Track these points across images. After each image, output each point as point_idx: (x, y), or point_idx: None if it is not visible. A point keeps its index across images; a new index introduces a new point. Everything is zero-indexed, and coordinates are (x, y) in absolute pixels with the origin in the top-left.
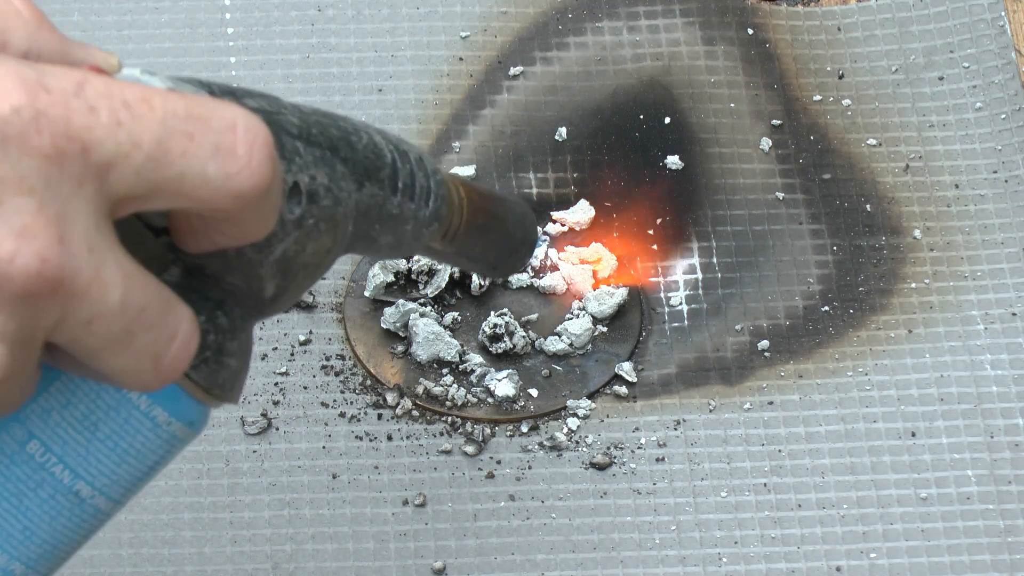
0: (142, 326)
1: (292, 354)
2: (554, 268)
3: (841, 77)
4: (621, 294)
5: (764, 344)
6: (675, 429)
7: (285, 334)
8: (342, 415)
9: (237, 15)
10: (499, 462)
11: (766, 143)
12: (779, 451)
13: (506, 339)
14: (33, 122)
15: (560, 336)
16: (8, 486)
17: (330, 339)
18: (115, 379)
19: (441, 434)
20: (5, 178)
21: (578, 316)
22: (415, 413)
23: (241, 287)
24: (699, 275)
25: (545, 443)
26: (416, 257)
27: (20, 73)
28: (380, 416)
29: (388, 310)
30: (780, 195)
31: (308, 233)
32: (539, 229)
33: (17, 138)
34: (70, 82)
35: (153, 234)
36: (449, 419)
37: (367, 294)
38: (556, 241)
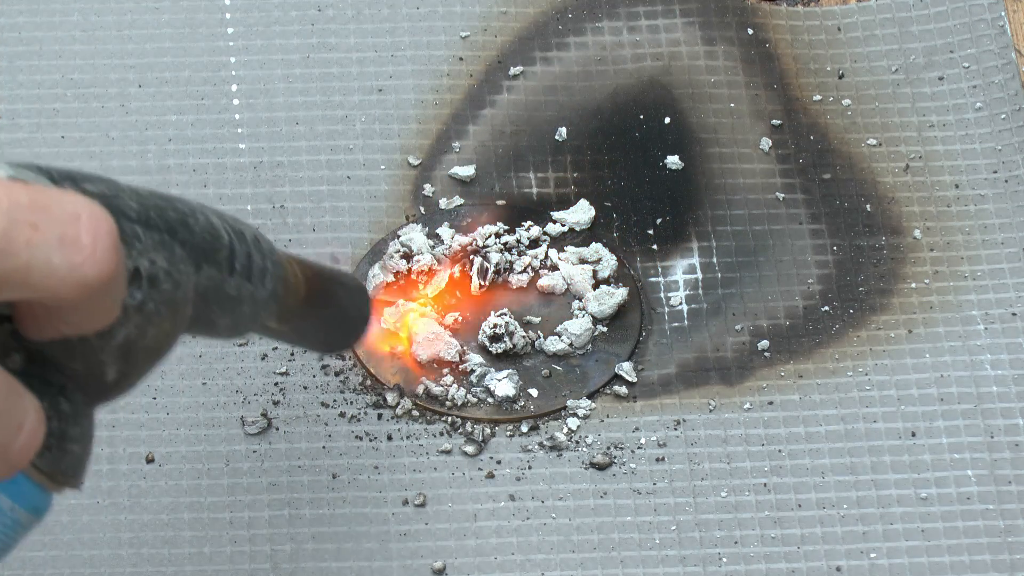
0: None
1: (292, 354)
2: (554, 268)
3: (841, 77)
4: (621, 294)
5: (764, 344)
6: (675, 429)
7: None
8: (342, 415)
9: (237, 15)
10: (499, 462)
11: (766, 143)
12: (779, 451)
13: (506, 339)
14: None
15: (560, 336)
16: None
17: None
18: None
19: (441, 434)
20: None
21: (578, 316)
22: (415, 413)
23: (83, 373)
24: (699, 275)
25: (545, 443)
26: (416, 257)
27: None
28: (380, 416)
29: (388, 310)
30: (780, 195)
31: (149, 318)
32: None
33: None
34: None
35: None
36: (449, 419)
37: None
38: (556, 241)
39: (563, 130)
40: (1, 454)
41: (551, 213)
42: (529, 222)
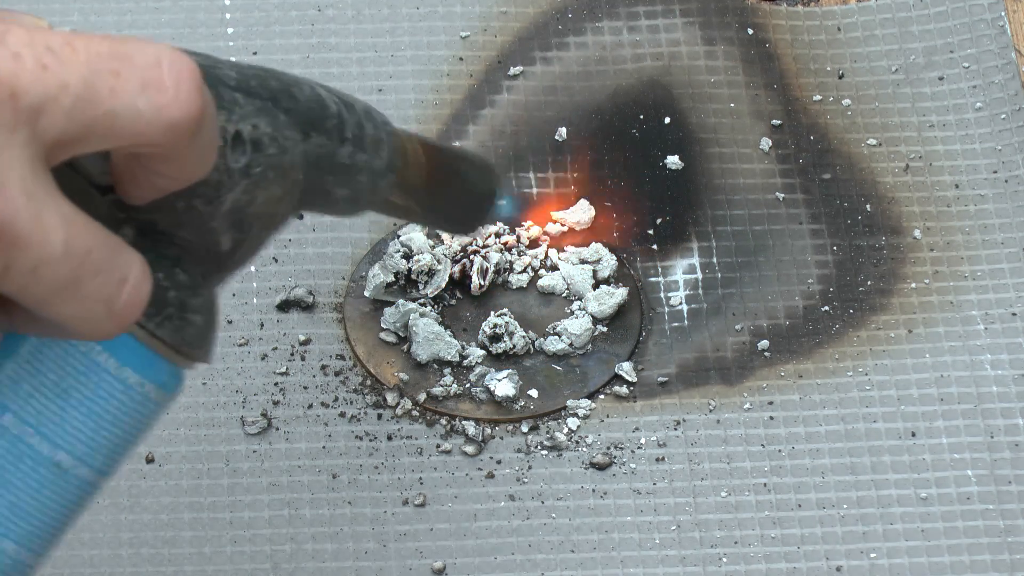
0: (89, 271)
1: (292, 354)
2: (554, 268)
3: (841, 77)
4: (621, 294)
5: (764, 344)
6: (675, 429)
7: (285, 334)
8: (342, 415)
9: (237, 15)
10: (499, 462)
11: (766, 143)
12: (779, 451)
13: (506, 339)
14: None
15: (560, 336)
16: None
17: (330, 339)
18: (70, 329)
19: (441, 434)
20: None
21: (578, 316)
22: (415, 413)
23: (196, 242)
24: (699, 275)
25: (545, 443)
26: (416, 257)
27: None
28: (380, 416)
29: (388, 310)
30: (780, 195)
31: (256, 182)
32: (506, 186)
33: None
34: None
35: (100, 193)
36: (449, 419)
37: (367, 294)
38: (556, 241)
39: (563, 130)
40: (106, 309)
41: (551, 213)
42: (529, 222)
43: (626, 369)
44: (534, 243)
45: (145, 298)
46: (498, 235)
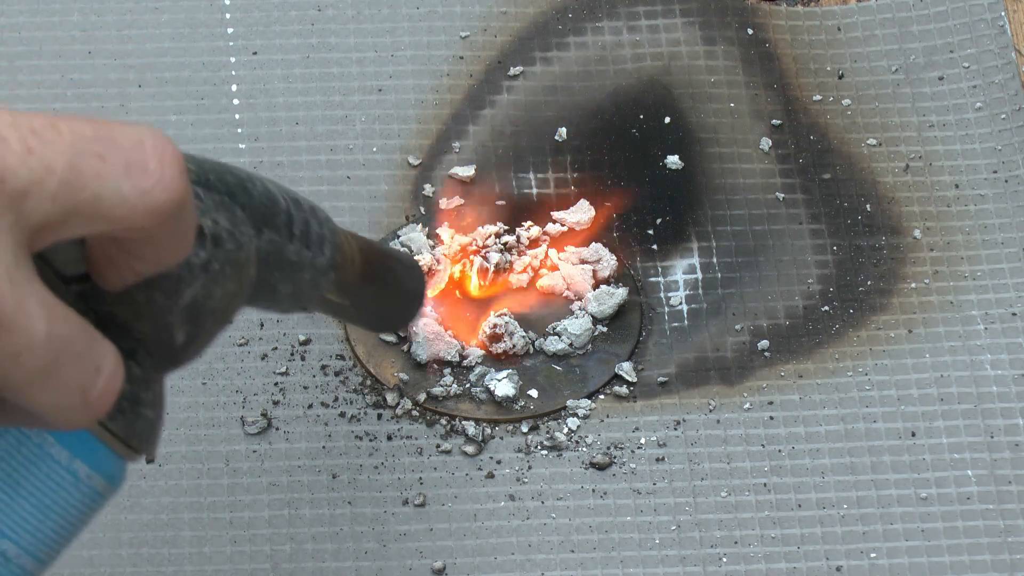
0: (69, 358)
1: (292, 354)
2: (554, 268)
3: (841, 77)
4: (621, 294)
5: (764, 344)
6: (675, 429)
7: (285, 334)
8: (342, 415)
9: (237, 15)
10: (499, 462)
11: (766, 143)
12: (779, 451)
13: (506, 339)
14: None
15: (560, 336)
16: None
17: (330, 339)
18: (44, 416)
19: (441, 434)
20: None
21: (578, 316)
22: (415, 413)
23: (153, 336)
24: (699, 275)
25: (545, 443)
26: (416, 257)
27: None
28: (380, 416)
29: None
30: (780, 195)
31: (215, 278)
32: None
33: None
34: None
35: (64, 284)
36: (449, 419)
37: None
38: (556, 241)
39: (563, 130)
40: (80, 399)
41: (551, 213)
42: (529, 222)
43: (626, 369)
44: (534, 243)
45: (118, 388)
46: (498, 235)
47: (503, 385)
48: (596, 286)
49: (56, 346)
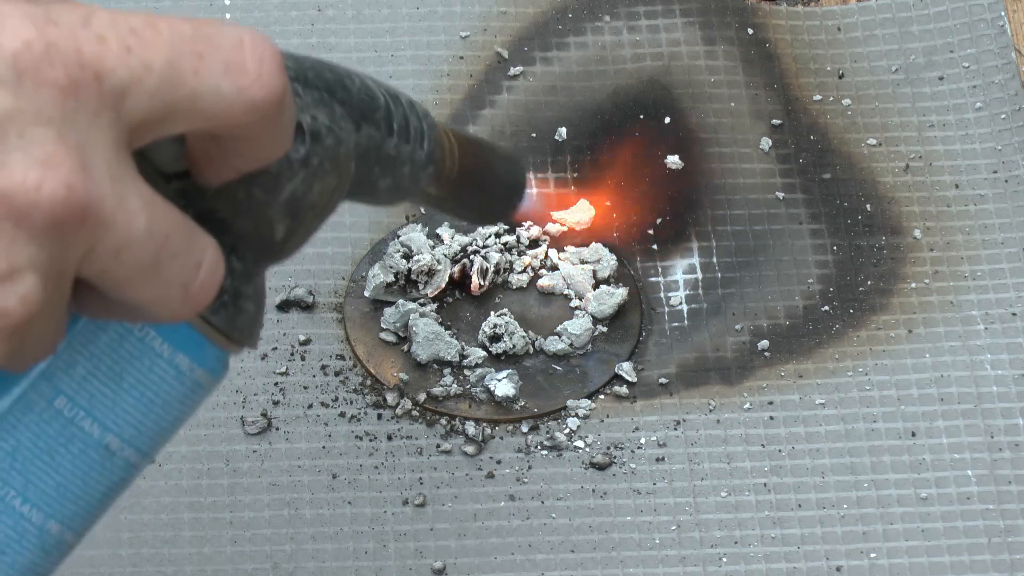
0: (169, 254)
1: (292, 354)
2: (554, 268)
3: (841, 77)
4: (621, 294)
5: (764, 344)
6: (675, 429)
7: (285, 334)
8: (342, 415)
9: (237, 15)
10: (499, 462)
11: (766, 143)
12: (779, 451)
13: (506, 339)
14: (45, 55)
15: (560, 336)
16: (40, 444)
17: (330, 339)
18: (146, 310)
19: (441, 434)
20: (24, 111)
21: (578, 316)
22: (415, 413)
23: (252, 231)
24: (699, 275)
25: (545, 443)
26: (416, 257)
27: (27, 11)
28: (380, 416)
29: (388, 310)
30: (780, 195)
31: (314, 173)
32: (528, 177)
33: (31, 72)
34: (77, 15)
35: (165, 181)
36: (449, 419)
37: (367, 294)
38: (556, 241)
39: (563, 130)
40: (181, 292)
41: (551, 213)
42: (529, 222)
43: (626, 369)
44: (534, 243)
45: (219, 281)
46: (498, 235)
47: (503, 385)
48: (596, 286)
49: (157, 241)
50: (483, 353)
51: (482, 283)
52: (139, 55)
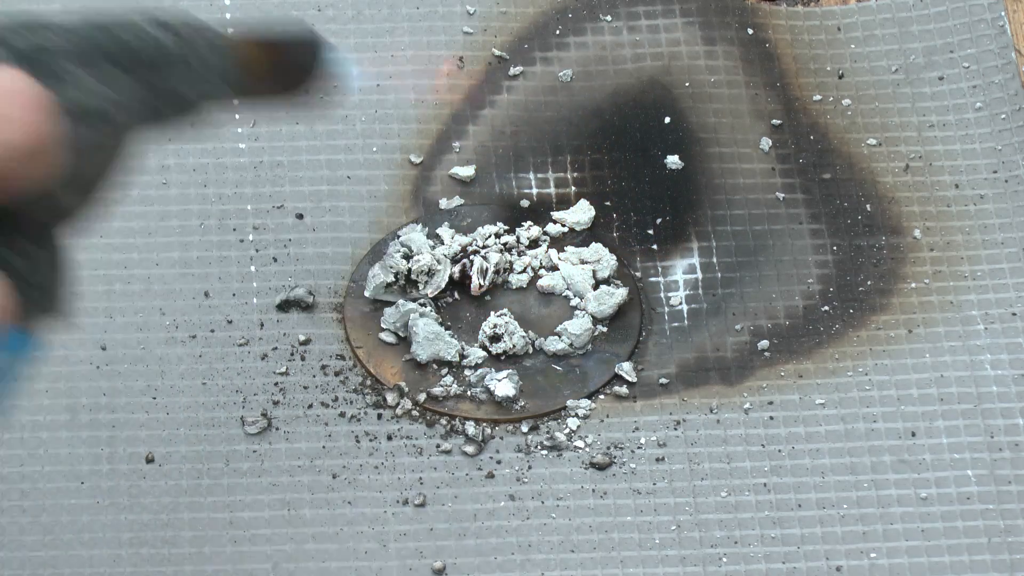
0: None
1: (292, 354)
2: (554, 268)
3: (841, 77)
4: (621, 294)
5: (764, 344)
6: (675, 429)
7: (285, 334)
8: (342, 415)
9: (237, 15)
10: (499, 462)
11: (766, 143)
12: (779, 451)
13: (506, 339)
14: None
15: (560, 336)
16: None
17: (330, 339)
18: None
19: (441, 434)
20: None
21: (578, 316)
22: (415, 413)
23: (43, 206)
24: (699, 275)
25: (545, 443)
26: (416, 257)
27: None
28: (380, 416)
29: (388, 310)
30: (780, 195)
31: (98, 147)
32: (327, 46)
33: None
34: None
35: None
36: (449, 419)
37: (367, 294)
38: (556, 241)
39: (563, 130)
40: None
41: (551, 213)
42: (529, 222)
43: (626, 369)
44: (534, 243)
45: (7, 318)
46: (498, 235)
47: (503, 385)
48: (596, 286)
49: None
50: (483, 353)
51: (482, 283)
52: None
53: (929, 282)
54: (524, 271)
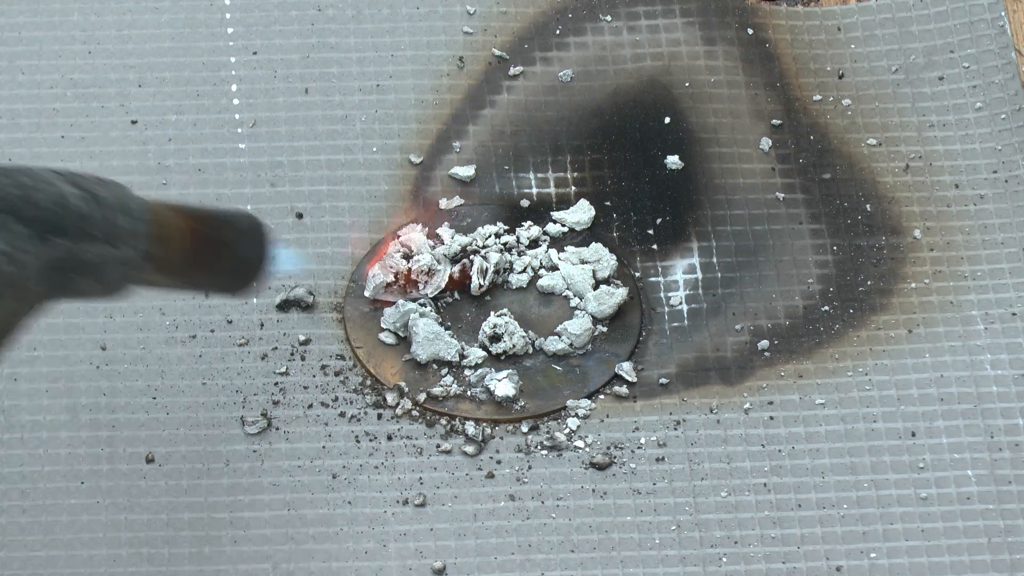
0: None
1: (292, 354)
2: (554, 268)
3: (841, 77)
4: (621, 294)
5: (764, 344)
6: (675, 429)
7: (285, 334)
8: (342, 415)
9: (237, 15)
10: (499, 462)
11: (766, 143)
12: (779, 451)
13: (506, 339)
14: None
15: (560, 336)
16: None
17: (330, 339)
18: None
19: (441, 434)
20: None
21: (578, 316)
22: (415, 413)
23: None
24: (699, 275)
25: (545, 443)
26: (416, 257)
27: None
28: (380, 416)
29: (388, 310)
30: (780, 195)
31: None
32: (271, 242)
33: None
34: None
35: None
36: (449, 419)
37: (367, 294)
38: (556, 241)
39: (563, 130)
40: None
41: (551, 213)
42: (529, 222)
43: (626, 369)
44: (534, 243)
45: None
46: (498, 235)
47: (503, 385)
48: (596, 286)
49: None
50: (483, 353)
51: (482, 283)
52: None
53: (929, 282)
54: (524, 271)
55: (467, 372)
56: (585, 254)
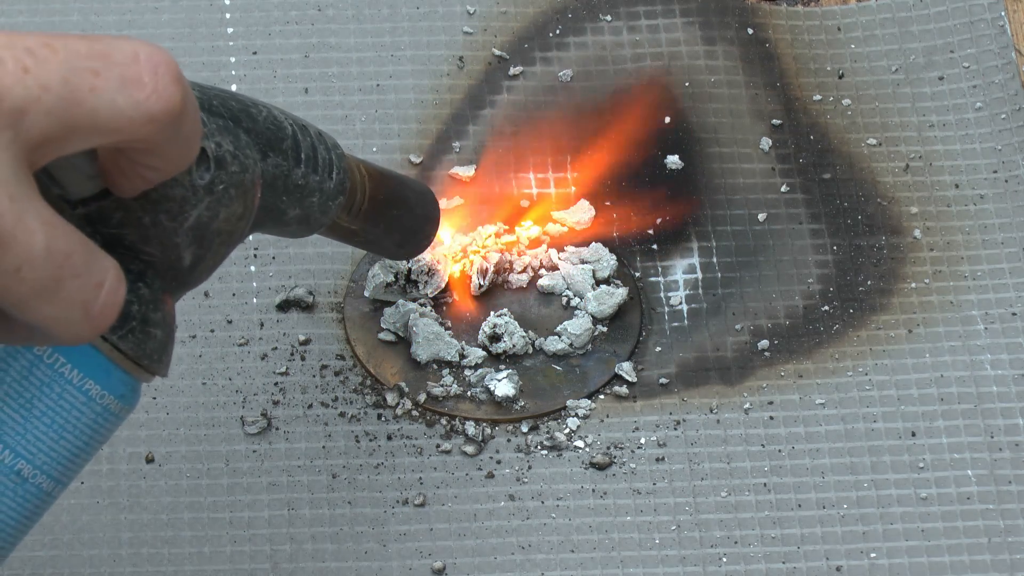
0: (69, 273)
1: (292, 354)
2: (554, 268)
3: (841, 77)
4: (621, 294)
5: (764, 344)
6: (675, 429)
7: (285, 334)
8: (342, 415)
9: (237, 15)
10: (499, 462)
11: (766, 143)
12: (779, 451)
13: (506, 339)
14: None
15: (560, 336)
16: None
17: (330, 339)
18: (48, 330)
19: (441, 434)
20: None
21: (578, 316)
22: (415, 413)
23: (159, 257)
24: (699, 275)
25: (545, 443)
26: (416, 257)
27: None
28: (380, 416)
29: (388, 310)
30: (783, 188)
31: (219, 199)
32: (440, 210)
33: None
34: None
35: (70, 207)
36: (449, 419)
37: (367, 294)
38: (556, 241)
39: (565, 130)
40: (82, 312)
41: (551, 213)
42: (529, 222)
43: (626, 369)
44: (534, 243)
45: (120, 302)
46: (498, 235)
47: (503, 385)
48: (596, 286)
49: (56, 260)
50: (483, 353)
51: (482, 283)
52: (35, 75)
53: (929, 282)
54: (524, 271)
55: (467, 372)
56: (585, 254)
